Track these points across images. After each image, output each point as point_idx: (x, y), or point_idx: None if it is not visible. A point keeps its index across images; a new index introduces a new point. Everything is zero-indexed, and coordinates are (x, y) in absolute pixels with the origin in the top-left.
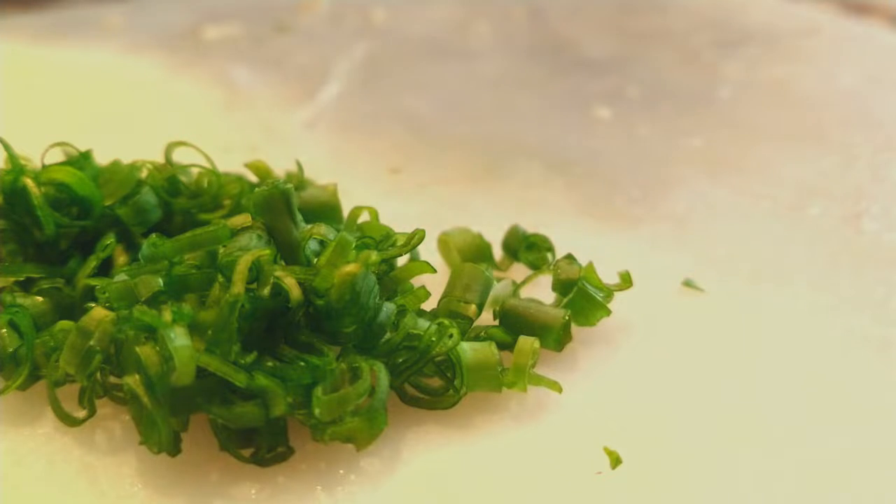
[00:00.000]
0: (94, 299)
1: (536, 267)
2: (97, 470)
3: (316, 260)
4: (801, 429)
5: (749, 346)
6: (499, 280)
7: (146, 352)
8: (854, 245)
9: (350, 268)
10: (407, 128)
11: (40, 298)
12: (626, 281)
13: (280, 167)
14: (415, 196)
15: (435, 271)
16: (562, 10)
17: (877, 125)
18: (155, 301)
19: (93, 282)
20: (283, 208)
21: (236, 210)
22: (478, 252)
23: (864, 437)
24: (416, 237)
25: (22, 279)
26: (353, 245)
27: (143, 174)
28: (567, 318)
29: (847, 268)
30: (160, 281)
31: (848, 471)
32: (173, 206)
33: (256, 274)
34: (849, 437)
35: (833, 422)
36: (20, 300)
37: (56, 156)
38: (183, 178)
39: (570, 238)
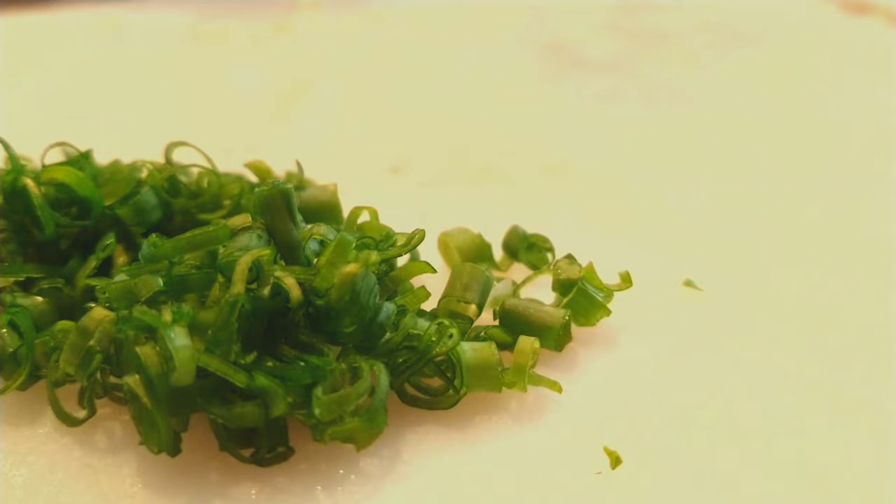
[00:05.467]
0: (94, 299)
1: (536, 267)
2: (97, 470)
3: (316, 260)
4: (801, 428)
5: (748, 345)
6: (499, 280)
7: (146, 352)
8: (854, 245)
9: (350, 268)
10: (407, 128)
11: (40, 298)
12: (626, 281)
13: (280, 167)
14: (415, 196)
15: (435, 271)
16: (562, 10)
17: (877, 125)
18: (155, 301)
19: (93, 282)
20: (283, 208)
21: (236, 210)
22: (478, 252)
23: (864, 436)
24: (416, 237)
25: (22, 279)
26: (353, 245)
27: (143, 174)
28: (567, 318)
29: (847, 267)
30: (160, 281)
31: (847, 469)
32: (173, 206)
33: (256, 274)
34: (848, 435)
35: (833, 420)
36: (20, 300)
37: (56, 156)
38: (183, 178)
39: (569, 238)
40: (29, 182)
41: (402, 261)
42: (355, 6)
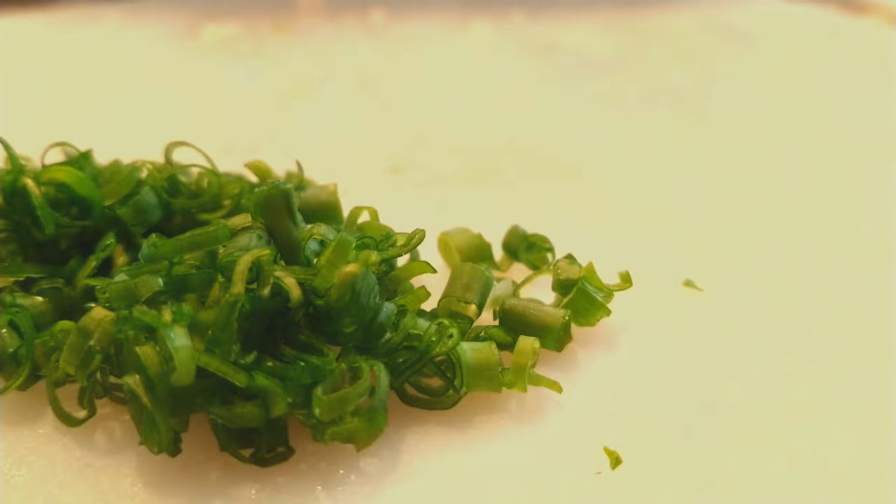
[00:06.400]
0: (94, 299)
1: (536, 267)
2: (97, 470)
3: (316, 260)
4: (801, 427)
5: (748, 345)
6: (499, 280)
7: (146, 352)
8: (854, 245)
9: (350, 268)
10: (407, 128)
11: (40, 298)
12: (626, 281)
13: (280, 167)
14: (415, 196)
15: (435, 271)
16: (562, 10)
17: (876, 125)
18: (155, 301)
19: (93, 282)
20: (283, 208)
21: (236, 210)
22: (478, 252)
23: (864, 436)
24: (416, 237)
25: (22, 279)
26: (353, 245)
27: (143, 174)
28: (567, 318)
29: (847, 267)
30: (160, 281)
31: (848, 468)
32: (173, 206)
33: (256, 274)
34: (849, 435)
35: (833, 420)
36: (20, 300)
37: (56, 156)
38: (183, 178)
39: (569, 238)
40: (29, 182)
41: (402, 261)
42: (355, 6)
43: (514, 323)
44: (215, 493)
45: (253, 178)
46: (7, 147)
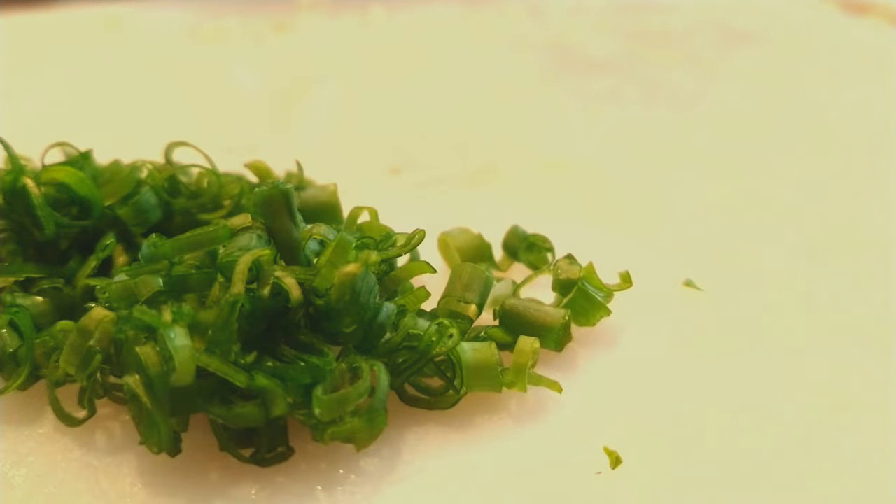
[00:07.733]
0: (94, 299)
1: (536, 267)
2: (97, 470)
3: (316, 260)
4: (800, 428)
5: (748, 345)
6: (499, 280)
7: (146, 352)
8: (854, 245)
9: (350, 268)
10: (407, 128)
11: (40, 298)
12: (626, 281)
13: (280, 167)
14: (415, 196)
15: (435, 271)
16: (562, 10)
17: (876, 125)
18: (155, 301)
19: (93, 282)
20: (283, 208)
21: (236, 210)
22: (478, 252)
23: (864, 436)
24: (416, 237)
25: (22, 279)
26: (353, 245)
27: (143, 174)
28: (567, 318)
29: (847, 267)
30: (160, 281)
31: (848, 469)
32: (173, 206)
33: (256, 274)
34: (849, 435)
35: (833, 420)
36: (20, 300)
37: (56, 156)
38: (183, 178)
39: (569, 238)
40: (29, 182)
41: (402, 261)
42: (355, 5)
43: (514, 323)
44: (215, 493)
45: (253, 178)
46: (7, 147)
